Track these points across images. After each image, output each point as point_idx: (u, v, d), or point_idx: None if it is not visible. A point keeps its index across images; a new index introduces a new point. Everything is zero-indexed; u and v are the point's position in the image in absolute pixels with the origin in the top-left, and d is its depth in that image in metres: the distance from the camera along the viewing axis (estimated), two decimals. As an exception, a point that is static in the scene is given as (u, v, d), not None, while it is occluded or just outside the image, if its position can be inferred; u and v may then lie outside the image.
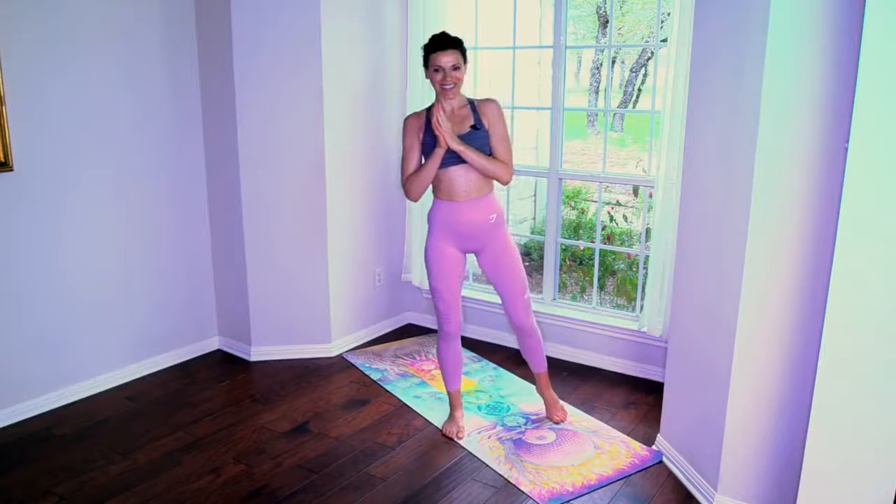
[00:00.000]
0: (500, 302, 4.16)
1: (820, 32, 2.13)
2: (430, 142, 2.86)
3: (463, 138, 2.83)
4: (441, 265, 2.98)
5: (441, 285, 3.00)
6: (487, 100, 2.92)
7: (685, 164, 2.85)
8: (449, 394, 3.22)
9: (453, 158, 2.83)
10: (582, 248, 5.92)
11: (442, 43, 2.81)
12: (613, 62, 10.50)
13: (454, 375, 3.17)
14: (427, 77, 2.90)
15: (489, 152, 2.88)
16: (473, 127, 2.86)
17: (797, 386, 2.36)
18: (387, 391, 3.63)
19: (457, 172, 2.87)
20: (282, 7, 3.63)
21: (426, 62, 2.86)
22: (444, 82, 2.81)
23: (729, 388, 2.49)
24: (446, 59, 2.79)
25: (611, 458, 2.99)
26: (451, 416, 3.23)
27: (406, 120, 2.95)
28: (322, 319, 4.03)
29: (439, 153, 2.81)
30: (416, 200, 3.00)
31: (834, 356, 2.02)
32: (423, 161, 2.92)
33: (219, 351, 4.16)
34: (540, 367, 3.25)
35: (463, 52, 2.84)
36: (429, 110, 2.90)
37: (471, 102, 2.92)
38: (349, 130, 3.97)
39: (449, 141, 2.77)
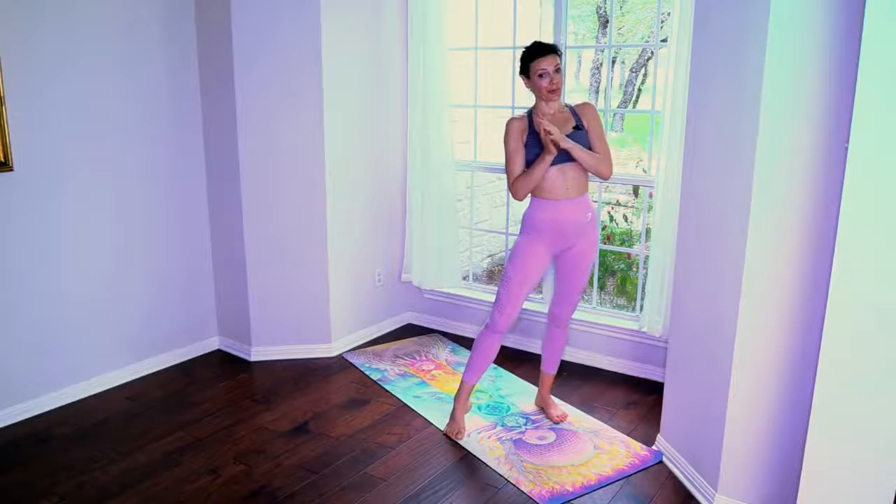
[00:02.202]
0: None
1: (820, 32, 2.13)
2: (532, 142, 2.90)
3: (568, 138, 2.89)
4: (529, 260, 3.00)
5: (518, 276, 3.01)
6: (584, 103, 2.99)
7: (685, 163, 2.85)
8: (462, 385, 3.20)
9: (557, 159, 2.87)
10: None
11: (543, 49, 2.87)
12: (613, 62, 10.49)
13: (480, 370, 3.17)
14: (528, 86, 2.95)
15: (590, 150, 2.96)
16: (576, 128, 2.92)
17: (797, 385, 2.36)
18: (387, 391, 3.63)
19: (560, 172, 2.91)
20: (282, 7, 3.63)
21: (526, 70, 2.91)
22: (550, 86, 2.86)
23: (729, 388, 2.49)
24: (548, 62, 2.85)
25: (611, 458, 2.99)
26: (453, 416, 3.22)
27: (509, 123, 2.98)
28: (322, 319, 4.03)
29: (548, 160, 2.86)
30: (521, 200, 3.04)
31: (834, 356, 2.02)
32: (524, 161, 2.98)
33: (219, 351, 4.16)
34: (553, 367, 3.34)
35: (560, 56, 2.90)
36: (530, 114, 2.97)
37: (568, 106, 3.00)
38: (350, 129, 3.96)
39: (561, 142, 2.81)
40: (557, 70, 2.87)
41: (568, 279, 3.12)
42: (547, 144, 2.80)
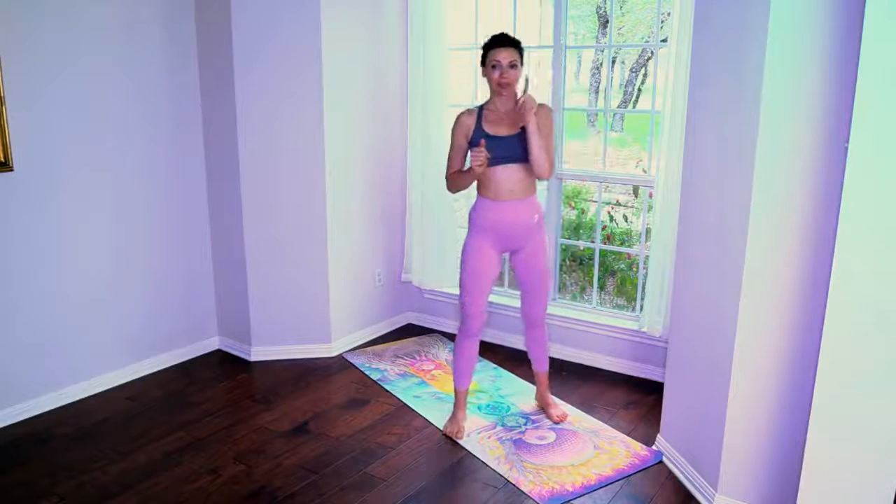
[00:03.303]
0: (499, 302, 4.19)
1: (820, 32, 2.13)
2: (478, 140, 2.90)
3: (516, 138, 2.89)
4: (477, 264, 3.01)
5: (472, 284, 3.02)
6: (541, 105, 2.95)
7: (685, 163, 2.85)
8: (456, 391, 3.23)
9: (502, 158, 2.87)
10: (582, 248, 5.92)
11: (501, 40, 2.88)
12: (613, 62, 10.49)
13: (466, 374, 3.19)
14: (483, 75, 2.95)
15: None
16: (524, 128, 2.89)
17: (797, 385, 2.36)
18: (387, 391, 3.63)
19: (505, 172, 2.91)
20: (282, 7, 3.63)
21: (484, 59, 2.92)
22: (500, 79, 2.86)
23: (729, 388, 2.49)
24: (504, 55, 2.85)
25: (611, 458, 2.99)
26: (453, 416, 3.23)
27: (458, 117, 2.99)
28: (322, 319, 4.03)
29: (474, 176, 2.90)
30: (453, 193, 3.14)
31: (834, 356, 2.02)
32: (464, 158, 3.02)
33: (219, 351, 4.15)
34: (544, 365, 3.33)
35: (521, 52, 2.90)
36: (481, 109, 2.98)
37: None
38: (350, 129, 3.96)
39: (477, 171, 2.85)
40: (513, 66, 2.86)
41: (528, 281, 3.11)
42: (474, 166, 2.83)
